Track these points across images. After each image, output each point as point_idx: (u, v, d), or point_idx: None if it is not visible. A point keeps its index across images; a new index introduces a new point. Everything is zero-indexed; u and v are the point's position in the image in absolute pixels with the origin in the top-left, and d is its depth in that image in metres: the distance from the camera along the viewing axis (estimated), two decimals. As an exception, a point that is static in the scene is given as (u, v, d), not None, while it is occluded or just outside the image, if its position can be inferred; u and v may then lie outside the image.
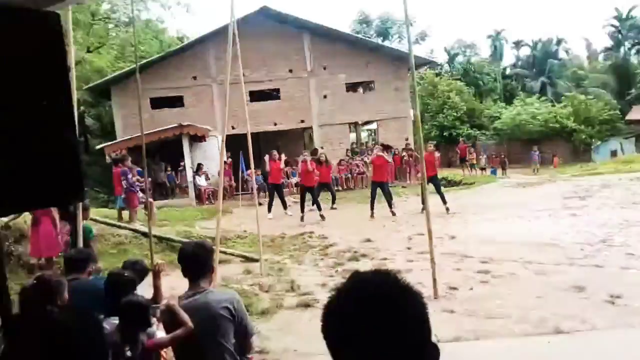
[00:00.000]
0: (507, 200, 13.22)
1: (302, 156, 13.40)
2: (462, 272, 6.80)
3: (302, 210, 12.48)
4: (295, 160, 19.95)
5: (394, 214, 12.01)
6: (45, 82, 1.67)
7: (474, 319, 5.10)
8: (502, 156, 25.65)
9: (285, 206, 13.58)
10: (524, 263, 7.03)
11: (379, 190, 12.16)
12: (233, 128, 18.80)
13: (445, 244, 8.64)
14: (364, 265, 7.56)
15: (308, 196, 12.71)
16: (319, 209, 12.49)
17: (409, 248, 8.57)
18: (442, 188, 12.90)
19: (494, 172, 23.31)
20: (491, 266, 7.00)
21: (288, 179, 17.47)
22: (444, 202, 11.99)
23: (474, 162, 24.90)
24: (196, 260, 2.77)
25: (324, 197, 14.36)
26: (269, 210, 13.38)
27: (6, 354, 1.20)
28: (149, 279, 3.82)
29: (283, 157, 13.85)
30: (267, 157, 13.61)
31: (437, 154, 12.93)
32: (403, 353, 0.92)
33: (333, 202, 14.21)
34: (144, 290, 3.60)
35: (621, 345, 4.17)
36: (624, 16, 40.04)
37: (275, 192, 13.46)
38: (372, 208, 12.13)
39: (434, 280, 5.83)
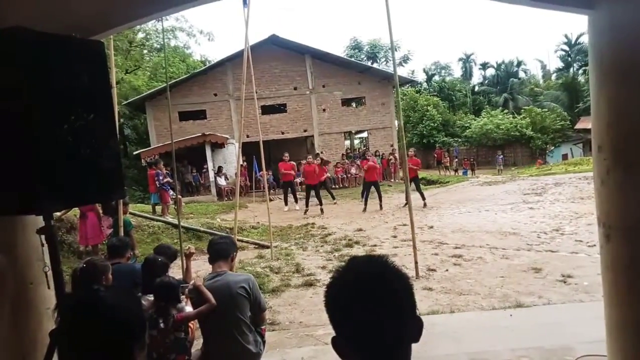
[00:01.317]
0: (475, 196, 13.21)
1: (306, 160, 13.37)
2: (438, 256, 6.82)
3: (307, 205, 12.49)
4: (300, 163, 19.95)
5: (381, 207, 12.01)
6: (94, 99, 1.67)
7: (449, 295, 5.10)
8: (472, 159, 25.63)
9: (296, 200, 13.61)
10: (490, 248, 7.05)
11: (372, 188, 12.17)
12: (247, 136, 18.78)
13: (424, 232, 8.66)
14: (357, 251, 7.57)
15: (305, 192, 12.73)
16: (320, 203, 12.49)
17: (394, 236, 8.59)
18: (421, 186, 12.90)
19: (465, 173, 23.29)
20: (463, 251, 7.02)
21: (295, 179, 17.43)
22: (423, 198, 12.03)
23: (448, 164, 24.90)
24: (221, 249, 2.85)
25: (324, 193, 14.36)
26: (286, 204, 13.54)
27: (61, 328, 1.20)
28: (178, 262, 3.81)
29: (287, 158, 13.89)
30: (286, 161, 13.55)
31: (416, 159, 12.87)
32: (394, 323, 0.92)
33: (333, 198, 14.23)
34: (174, 271, 3.61)
35: (572, 317, 4.17)
36: (573, 42, 40.00)
37: (290, 188, 13.56)
38: (365, 203, 12.14)
39: (416, 263, 5.84)
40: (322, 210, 12.32)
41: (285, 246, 8.41)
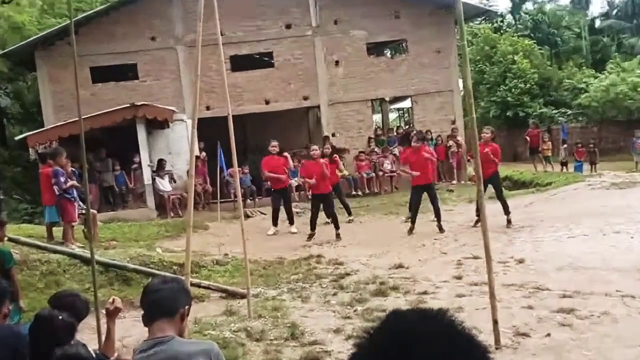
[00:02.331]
0: (597, 207, 13.13)
1: (309, 151, 13.36)
2: (534, 312, 6.79)
3: (312, 228, 12.62)
4: (296, 154, 19.95)
5: (441, 229, 12.08)
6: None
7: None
8: (591, 145, 25.43)
9: (292, 220, 13.81)
10: (623, 297, 6.99)
11: (424, 196, 12.21)
12: (208, 109, 18.78)
13: (510, 271, 8.63)
14: (395, 303, 7.55)
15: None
16: (337, 225, 12.55)
17: (458, 277, 8.57)
18: (504, 192, 12.88)
19: (578, 168, 23.13)
20: (575, 302, 6.98)
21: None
22: (507, 211, 12.03)
23: (550, 153, 24.75)
24: (164, 301, 2.87)
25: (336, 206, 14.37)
26: (275, 224, 13.72)
27: None
28: (91, 321, 3.83)
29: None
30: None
31: (494, 144, 12.72)
32: None
33: (349, 213, 14.34)
34: (86, 336, 3.62)
35: None
36: None
37: (282, 200, 13.78)
38: (412, 220, 12.27)
39: (495, 322, 5.81)
40: (338, 235, 12.41)
41: (272, 294, 8.39)
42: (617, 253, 9.04)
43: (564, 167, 23.24)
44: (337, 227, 12.52)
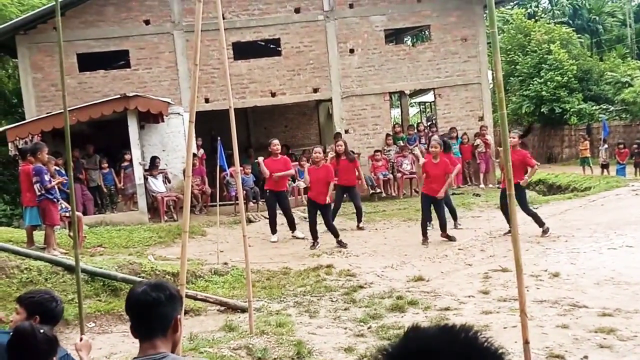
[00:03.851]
0: (642, 215, 13.10)
1: (314, 152, 13.27)
2: (569, 331, 6.79)
3: (315, 237, 12.66)
4: (306, 152, 19.95)
5: (449, 238, 12.14)
6: None
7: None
8: (635, 146, 25.35)
9: (292, 225, 13.77)
10: (672, 317, 6.96)
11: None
12: (207, 101, 18.85)
13: (543, 285, 8.62)
14: (413, 319, 7.54)
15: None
16: (336, 235, 12.58)
17: (485, 292, 8.58)
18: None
19: (621, 171, 23.07)
20: (616, 321, 6.97)
21: (294, 182, 17.49)
22: (540, 224, 12.02)
23: (589, 154, 24.69)
24: (151, 311, 2.84)
25: (347, 210, 14.35)
26: (273, 231, 13.69)
27: None
28: (74, 335, 3.87)
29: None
30: (260, 158, 13.66)
31: (522, 150, 12.45)
32: None
33: (359, 219, 14.33)
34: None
35: None
36: None
37: (279, 205, 13.69)
38: (424, 233, 12.29)
39: (526, 342, 5.77)
40: (339, 242, 12.44)
41: (276, 308, 8.43)
42: (663, 267, 8.99)
43: (605, 170, 23.17)
44: (336, 237, 12.54)
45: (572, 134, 30.55)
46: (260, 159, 13.70)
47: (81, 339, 3.86)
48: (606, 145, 24.71)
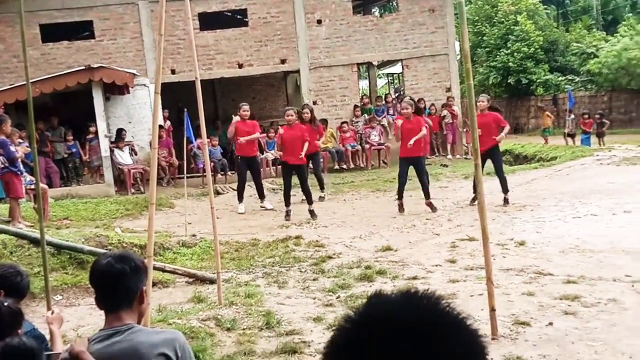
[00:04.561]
0: (606, 185, 13.28)
1: (286, 116, 13.18)
2: (535, 299, 6.84)
3: (287, 203, 12.59)
4: (274, 124, 19.88)
5: (432, 207, 12.12)
6: None
7: (555, 371, 5.16)
8: (600, 116, 25.65)
9: (262, 195, 13.73)
10: (633, 283, 7.07)
11: (411, 171, 12.18)
12: (173, 72, 18.64)
13: (509, 253, 8.69)
14: (382, 288, 7.57)
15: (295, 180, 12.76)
16: (309, 201, 12.57)
17: (452, 261, 8.62)
18: (503, 167, 12.92)
19: (586, 141, 23.31)
20: (581, 288, 7.04)
21: (262, 154, 17.43)
22: (505, 189, 12.14)
23: (550, 125, 24.94)
24: (116, 283, 2.82)
25: (312, 182, 14.37)
26: (240, 199, 13.62)
27: None
28: (41, 309, 3.83)
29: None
30: (235, 118, 13.49)
31: (494, 113, 12.64)
32: None
33: (321, 188, 14.35)
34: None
35: None
36: None
37: (250, 172, 13.59)
38: (399, 197, 12.24)
39: (492, 310, 5.86)
40: (312, 212, 12.43)
41: (245, 280, 8.42)
42: (627, 235, 9.10)
43: (570, 139, 23.42)
44: (310, 203, 12.51)
45: (539, 105, 30.82)
46: (236, 118, 13.52)
47: (52, 312, 3.83)
48: (572, 116, 24.93)
